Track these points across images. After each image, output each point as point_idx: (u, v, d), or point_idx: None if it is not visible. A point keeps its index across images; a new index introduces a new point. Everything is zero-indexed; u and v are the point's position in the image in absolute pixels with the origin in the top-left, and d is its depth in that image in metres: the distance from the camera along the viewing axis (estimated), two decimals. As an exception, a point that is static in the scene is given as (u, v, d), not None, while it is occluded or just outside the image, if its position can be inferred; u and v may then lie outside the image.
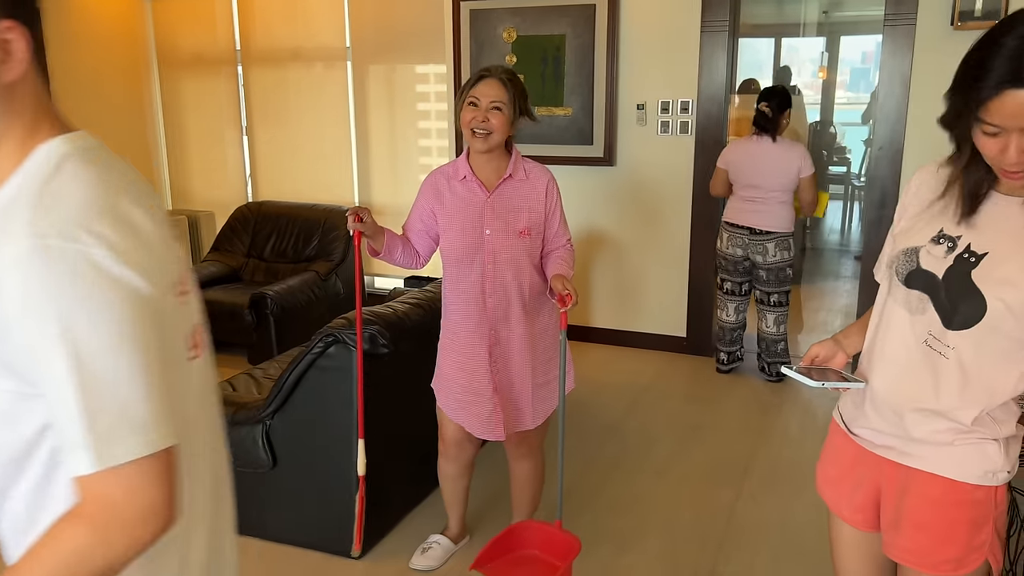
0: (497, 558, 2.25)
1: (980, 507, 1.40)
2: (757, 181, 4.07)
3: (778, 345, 4.29)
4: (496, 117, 2.27)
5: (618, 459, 3.50)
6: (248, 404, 2.81)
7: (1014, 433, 1.41)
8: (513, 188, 2.38)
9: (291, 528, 2.81)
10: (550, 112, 4.79)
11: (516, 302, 2.38)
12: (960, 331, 1.35)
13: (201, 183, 6.28)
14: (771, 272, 4.15)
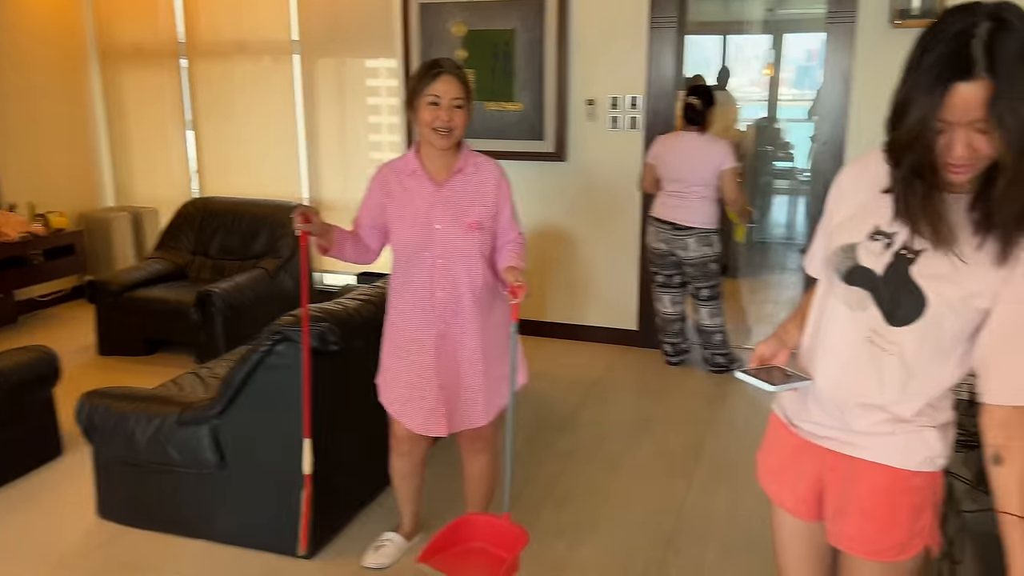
0: (444, 551, 2.23)
1: (921, 493, 1.44)
2: (680, 175, 4.12)
3: (715, 336, 4.36)
4: (458, 115, 2.29)
5: (571, 452, 3.52)
6: (195, 404, 2.75)
7: (950, 419, 1.45)
8: (463, 182, 2.37)
9: (240, 529, 2.76)
10: (501, 107, 4.78)
11: (467, 296, 2.37)
12: (902, 327, 1.36)
13: (144, 179, 6.12)
14: (695, 267, 4.21)
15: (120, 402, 2.83)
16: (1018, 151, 1.20)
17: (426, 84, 2.27)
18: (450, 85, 2.27)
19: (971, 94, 1.19)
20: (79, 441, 3.42)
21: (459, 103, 2.28)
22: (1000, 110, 1.18)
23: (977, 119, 1.20)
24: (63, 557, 2.73)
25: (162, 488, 2.83)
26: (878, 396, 1.41)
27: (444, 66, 2.30)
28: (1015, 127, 1.18)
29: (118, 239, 5.79)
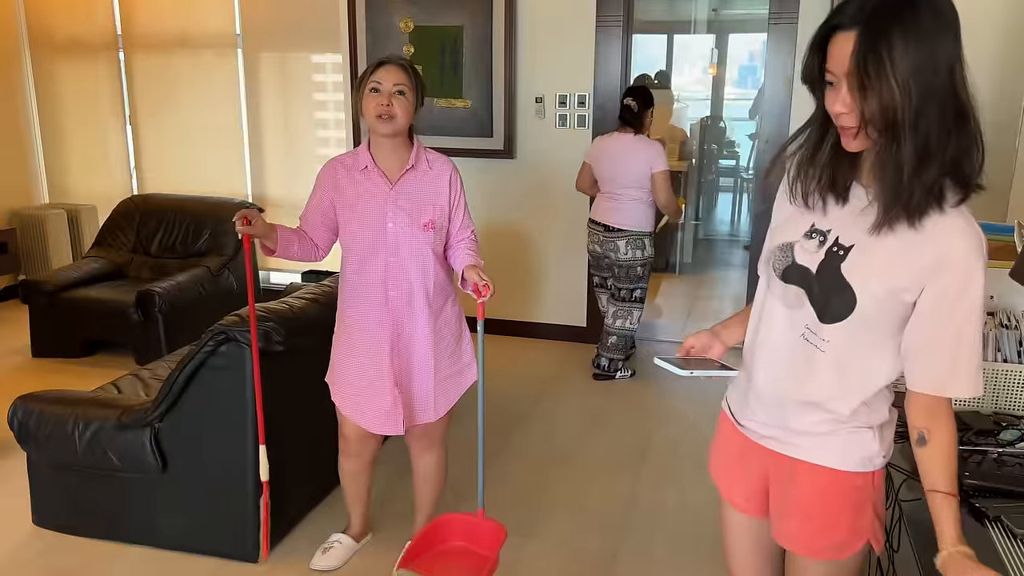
0: (423, 553, 2.23)
1: (860, 492, 1.46)
2: (613, 176, 4.11)
3: (611, 338, 4.31)
4: (399, 102, 2.23)
5: (522, 448, 3.53)
6: (134, 407, 2.68)
7: (888, 419, 1.47)
8: (416, 179, 2.34)
9: (184, 533, 2.70)
10: (449, 104, 4.76)
11: (419, 296, 2.34)
12: (833, 324, 1.38)
13: (81, 175, 5.94)
14: (622, 269, 4.18)
15: (55, 406, 2.74)
16: (883, 107, 1.20)
17: (369, 74, 2.26)
18: (392, 73, 2.24)
19: (844, 43, 1.21)
20: (12, 447, 3.29)
21: (400, 89, 2.23)
22: (863, 59, 1.18)
23: (847, 71, 1.21)
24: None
25: (102, 494, 2.75)
26: (814, 393, 1.43)
27: (390, 58, 2.29)
28: (879, 79, 1.18)
29: (53, 237, 5.60)
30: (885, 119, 1.21)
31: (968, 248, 1.27)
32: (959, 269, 1.27)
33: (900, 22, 1.17)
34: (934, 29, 1.19)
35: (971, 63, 1.27)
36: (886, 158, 1.24)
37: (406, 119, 2.27)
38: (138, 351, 4.42)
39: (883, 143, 1.24)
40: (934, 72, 1.19)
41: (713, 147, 8.45)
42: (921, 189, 1.24)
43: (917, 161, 1.22)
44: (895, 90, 1.18)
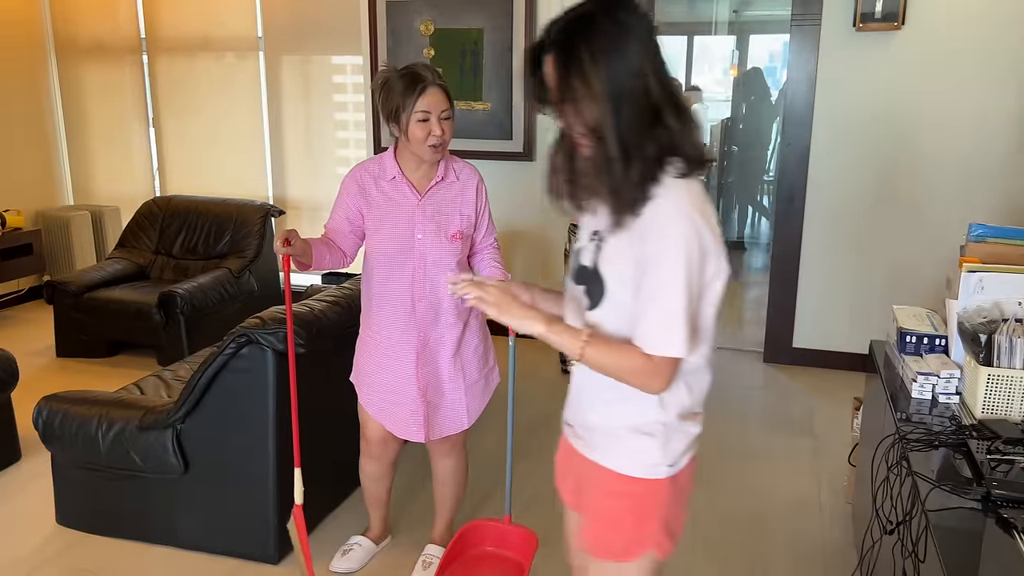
0: (454, 561, 2.29)
1: (641, 499, 1.47)
2: None
3: None
4: (448, 127, 2.23)
5: (540, 453, 3.52)
6: (157, 408, 2.70)
7: (672, 427, 1.46)
8: (444, 191, 2.32)
9: (205, 534, 2.72)
10: (469, 106, 4.77)
11: (447, 306, 2.34)
12: (594, 311, 1.43)
13: (105, 177, 6.00)
14: None
15: (79, 406, 2.77)
16: (591, 117, 1.31)
17: (412, 99, 2.16)
18: (437, 98, 2.19)
19: (549, 66, 1.33)
20: (38, 446, 3.34)
21: (447, 115, 2.22)
22: (563, 80, 1.31)
23: (556, 90, 1.33)
24: (22, 564, 2.66)
25: (124, 494, 2.77)
26: (599, 391, 1.47)
27: (427, 77, 2.19)
28: (581, 94, 1.30)
29: (77, 238, 5.67)
30: (594, 126, 1.31)
31: (666, 212, 1.33)
32: (657, 232, 1.33)
33: (586, 40, 1.28)
34: (617, 40, 1.29)
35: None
36: (599, 160, 1.34)
37: (450, 141, 2.29)
38: (160, 352, 4.46)
39: (596, 146, 1.33)
40: (625, 79, 1.29)
41: (734, 149, 8.40)
42: (632, 187, 1.33)
43: (624, 160, 1.31)
44: (595, 101, 1.29)
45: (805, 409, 4.01)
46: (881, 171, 4.25)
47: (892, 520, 1.94)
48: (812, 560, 2.74)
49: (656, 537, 1.48)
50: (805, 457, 3.49)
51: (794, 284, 4.50)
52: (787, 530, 2.93)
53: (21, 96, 5.65)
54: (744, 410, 4.00)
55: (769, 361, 4.64)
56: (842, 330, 4.48)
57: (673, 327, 1.33)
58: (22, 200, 5.61)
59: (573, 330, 1.40)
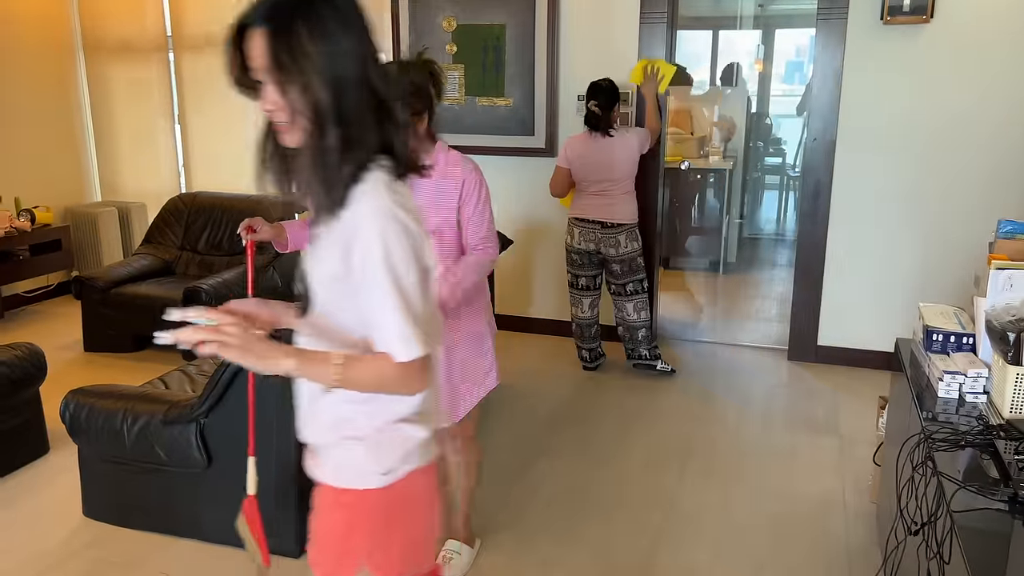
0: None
1: (349, 511, 1.39)
2: (607, 175, 4.10)
3: (639, 332, 4.30)
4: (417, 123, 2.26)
5: (559, 449, 3.51)
6: (181, 402, 2.73)
7: (384, 432, 1.38)
8: (427, 184, 2.32)
9: (229, 528, 2.73)
10: (491, 102, 4.76)
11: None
12: (302, 319, 1.39)
13: (132, 174, 6.07)
14: (623, 264, 4.19)
15: (105, 400, 2.81)
16: (307, 100, 1.24)
17: None
18: None
19: (258, 40, 1.24)
20: (66, 439, 3.39)
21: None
22: (276, 55, 1.23)
23: (265, 67, 1.25)
24: (49, 557, 2.71)
25: (149, 487, 2.81)
26: (309, 405, 1.41)
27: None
28: (297, 73, 1.23)
29: (105, 234, 5.74)
30: (312, 111, 1.25)
31: (367, 211, 1.27)
32: (363, 234, 1.27)
33: (304, 17, 1.22)
34: (336, 25, 1.24)
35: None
36: (315, 149, 1.26)
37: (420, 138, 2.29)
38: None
39: (312, 134, 1.26)
40: (346, 64, 1.25)
41: (759, 144, 8.33)
42: (344, 179, 1.27)
43: (342, 150, 1.26)
44: (313, 82, 1.23)
45: (830, 408, 3.97)
46: (908, 166, 4.19)
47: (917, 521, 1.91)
48: (836, 560, 2.71)
49: (366, 552, 1.39)
50: (830, 456, 3.46)
51: (819, 281, 4.45)
52: (811, 530, 2.90)
53: (50, 95, 5.73)
54: (768, 409, 3.96)
55: (793, 359, 4.59)
56: (868, 327, 4.43)
57: (406, 329, 1.27)
58: (51, 197, 5.69)
59: (322, 357, 1.27)
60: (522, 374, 4.36)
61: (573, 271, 4.31)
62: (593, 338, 4.42)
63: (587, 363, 4.45)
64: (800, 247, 4.50)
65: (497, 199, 4.89)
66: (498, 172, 4.89)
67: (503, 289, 5.05)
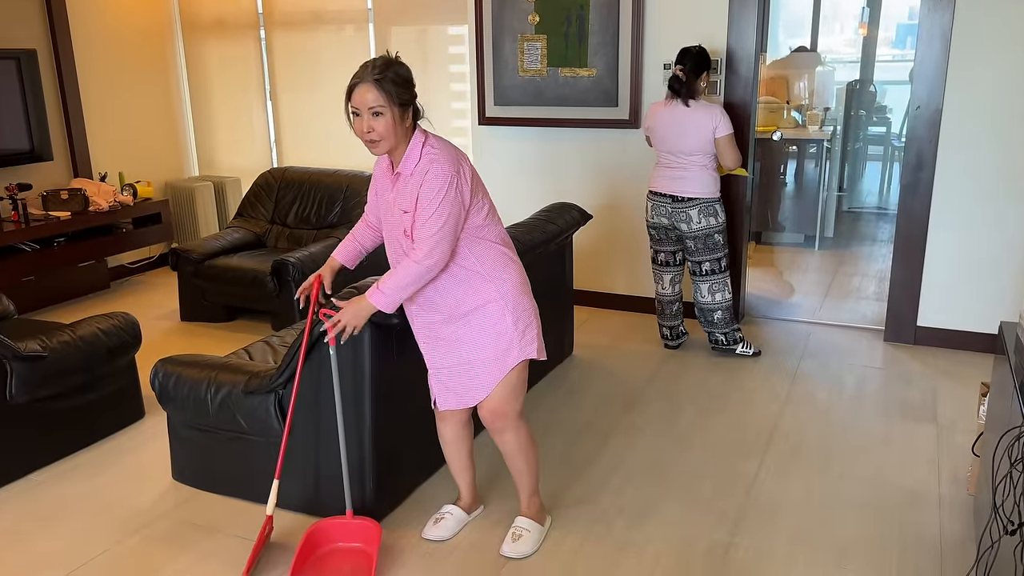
0: (306, 562, 2.50)
1: None
2: (675, 147, 3.90)
3: (714, 314, 4.14)
4: (379, 123, 2.20)
5: (639, 428, 3.45)
6: (260, 373, 2.80)
7: None
8: (403, 183, 2.31)
9: (302, 497, 2.81)
10: (574, 73, 4.66)
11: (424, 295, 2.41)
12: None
13: (227, 149, 6.27)
14: (698, 240, 4.00)
15: (191, 370, 2.91)
16: None
17: (348, 96, 2.24)
18: (365, 94, 2.19)
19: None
20: (159, 405, 3.55)
21: (377, 110, 2.19)
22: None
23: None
24: (140, 516, 2.84)
25: (231, 454, 2.90)
26: None
27: (362, 75, 2.20)
28: None
29: (202, 208, 5.96)
30: None
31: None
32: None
33: None
34: None
35: None
36: None
37: (391, 136, 2.23)
38: (274, 318, 4.65)
39: None
40: None
41: (861, 113, 7.91)
42: None
43: None
44: None
45: (927, 393, 3.75)
46: (1020, 138, 3.88)
47: (1013, 520, 1.77)
48: (928, 554, 2.56)
49: None
50: (925, 444, 3.27)
51: (920, 258, 4.20)
52: (901, 521, 2.75)
53: (152, 74, 5.96)
54: (860, 392, 3.78)
55: (890, 340, 4.36)
56: (971, 309, 4.15)
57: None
58: (152, 172, 5.94)
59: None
60: (599, 350, 4.30)
61: (653, 246, 4.20)
62: (674, 316, 4.30)
63: (668, 341, 4.34)
64: (900, 222, 4.24)
65: (577, 172, 4.83)
66: (579, 145, 4.80)
67: (581, 264, 4.98)
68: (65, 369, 3.16)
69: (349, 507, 2.60)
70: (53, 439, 3.21)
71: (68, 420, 3.25)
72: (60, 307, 5.18)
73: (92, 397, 3.33)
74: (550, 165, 4.91)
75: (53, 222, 4.99)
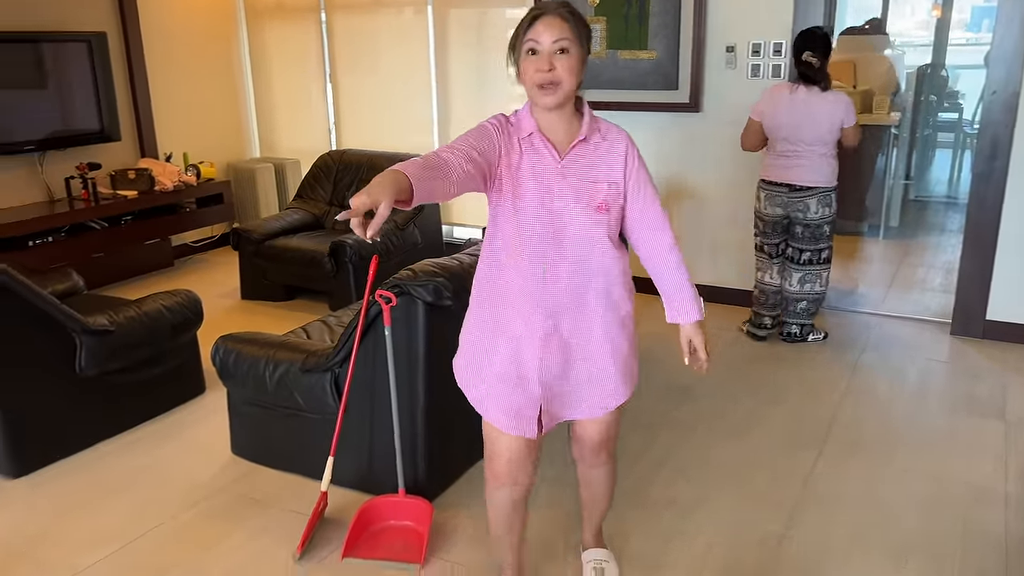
0: (359, 538, 2.54)
1: None
2: (799, 135, 3.79)
3: (799, 304, 4.06)
4: (563, 62, 1.78)
5: (691, 421, 3.40)
6: (318, 352, 2.84)
7: None
8: (589, 152, 1.90)
9: (357, 473, 2.85)
10: (634, 56, 4.60)
11: (588, 290, 1.92)
12: None
13: (287, 131, 6.36)
14: (808, 229, 3.91)
15: (250, 347, 2.97)
16: None
17: (524, 30, 1.83)
18: (551, 26, 1.78)
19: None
20: (219, 381, 3.64)
21: (563, 46, 1.78)
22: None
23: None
24: (199, 489, 2.92)
25: (288, 430, 2.96)
26: None
27: (546, 7, 1.81)
28: None
29: (262, 189, 6.07)
30: None
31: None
32: None
33: None
34: None
35: None
36: None
37: (572, 83, 1.82)
38: (331, 298, 4.71)
39: None
40: None
41: (932, 98, 7.63)
42: None
43: None
44: None
45: (996, 388, 3.62)
46: (1108, 122, 3.70)
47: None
48: (992, 552, 2.48)
49: None
50: (992, 441, 3.16)
51: (992, 249, 4.04)
52: (965, 518, 2.66)
53: (216, 57, 6.07)
54: (925, 386, 3.66)
55: (957, 333, 4.22)
56: (1047, 302, 3.99)
57: None
58: (215, 153, 6.07)
59: None
60: (654, 338, 4.25)
61: (761, 236, 4.11)
62: (774, 306, 4.19)
63: (762, 331, 4.23)
64: (971, 212, 4.09)
65: (637, 157, 4.76)
66: (639, 128, 4.73)
67: (641, 250, 4.93)
68: (131, 343, 3.26)
69: (401, 486, 2.63)
70: (118, 412, 3.32)
71: (132, 394, 3.36)
72: (126, 284, 5.34)
73: (156, 371, 3.43)
74: (607, 149, 4.85)
75: (121, 201, 5.13)
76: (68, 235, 4.88)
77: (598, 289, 1.94)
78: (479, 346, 2.00)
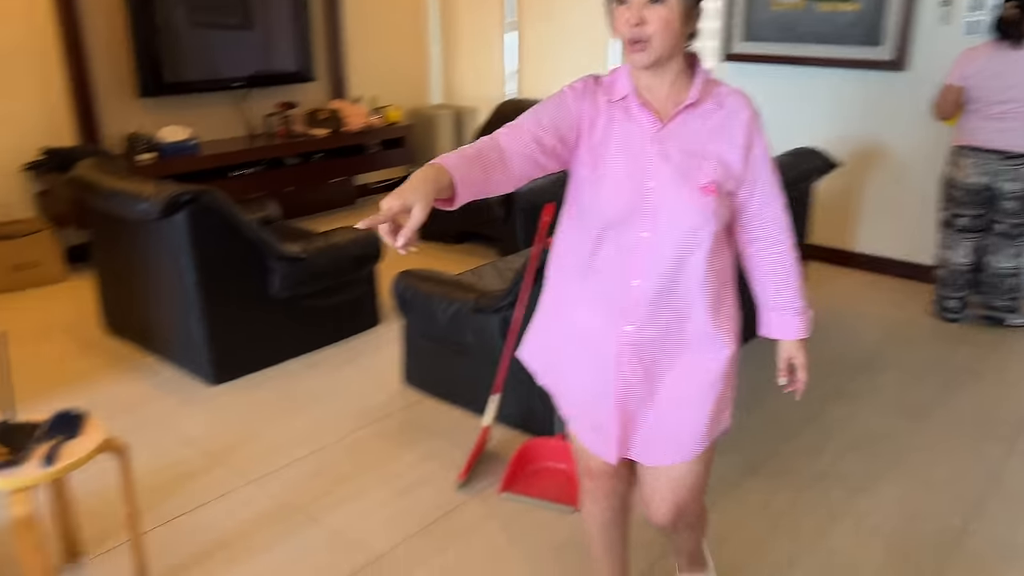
0: (517, 475, 2.62)
1: None
2: (1010, 96, 3.42)
3: (1007, 280, 3.73)
4: (657, 13, 1.44)
5: (866, 395, 3.23)
6: (489, 293, 2.92)
7: None
8: (698, 122, 1.53)
9: (516, 412, 2.93)
10: (834, 7, 4.30)
11: (685, 290, 1.56)
12: None
13: (468, 78, 6.48)
14: (1019, 201, 3.55)
15: (427, 284, 3.09)
16: None
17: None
18: None
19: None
20: (392, 314, 3.83)
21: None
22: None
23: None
24: (372, 412, 3.11)
25: (456, 365, 3.07)
26: None
27: None
28: None
29: (441, 135, 6.24)
30: None
31: None
32: None
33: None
34: None
35: None
36: None
37: (667, 39, 1.46)
38: (501, 244, 4.81)
39: None
40: None
41: None
42: None
43: None
44: None
45: None
46: None
47: None
48: None
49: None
50: None
51: None
52: None
53: (406, 2, 6.25)
54: None
55: None
56: None
57: None
58: (400, 97, 6.29)
59: None
60: (830, 312, 4.04)
61: (954, 209, 3.78)
62: (963, 286, 3.88)
63: (954, 314, 3.92)
64: None
65: (829, 115, 4.48)
66: (831, 86, 4.46)
67: (822, 217, 4.67)
68: (318, 272, 3.48)
69: (559, 431, 2.67)
70: (303, 334, 3.57)
71: (317, 318, 3.60)
72: (311, 218, 5.69)
73: (338, 300, 3.65)
74: (797, 107, 4.60)
75: (312, 139, 5.44)
76: (265, 168, 5.24)
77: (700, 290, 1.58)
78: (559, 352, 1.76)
